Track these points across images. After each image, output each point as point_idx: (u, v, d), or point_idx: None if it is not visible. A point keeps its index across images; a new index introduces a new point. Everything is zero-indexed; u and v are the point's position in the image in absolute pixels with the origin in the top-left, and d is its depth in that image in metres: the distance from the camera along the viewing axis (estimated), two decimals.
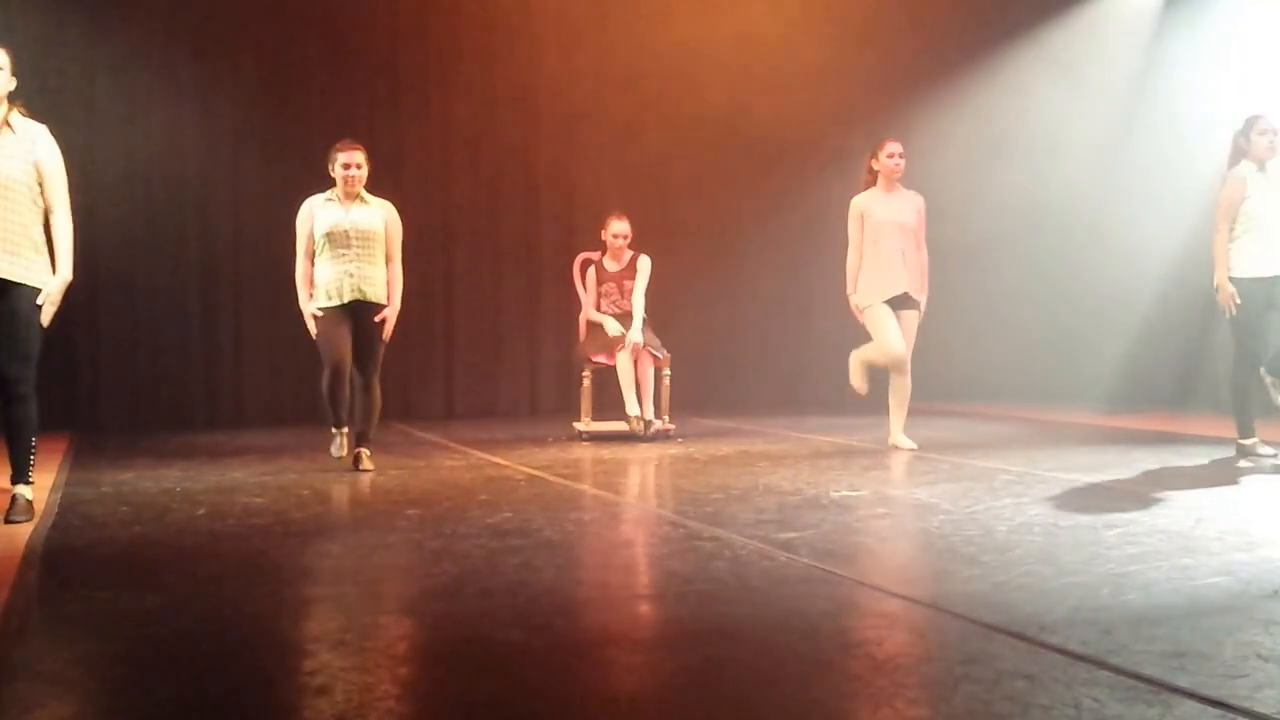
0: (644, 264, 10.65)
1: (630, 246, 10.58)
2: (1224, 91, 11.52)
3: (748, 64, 13.21)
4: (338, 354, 8.30)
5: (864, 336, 9.47)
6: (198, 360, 12.12)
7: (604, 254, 10.73)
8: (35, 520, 6.53)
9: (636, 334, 10.35)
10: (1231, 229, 8.39)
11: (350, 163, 8.33)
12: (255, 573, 5.36)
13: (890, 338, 9.20)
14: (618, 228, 10.60)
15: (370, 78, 12.61)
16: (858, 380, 9.42)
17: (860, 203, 9.35)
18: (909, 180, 9.47)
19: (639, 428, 10.17)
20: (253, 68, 12.22)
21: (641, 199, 12.99)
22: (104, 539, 6.16)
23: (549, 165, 13.26)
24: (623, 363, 10.28)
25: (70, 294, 6.68)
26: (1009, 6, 13.71)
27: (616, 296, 10.65)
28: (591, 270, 10.76)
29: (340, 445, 8.46)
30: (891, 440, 9.33)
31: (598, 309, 10.71)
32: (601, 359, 10.55)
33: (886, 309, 9.23)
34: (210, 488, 7.77)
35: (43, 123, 6.60)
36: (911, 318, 9.30)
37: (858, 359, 9.43)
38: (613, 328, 10.49)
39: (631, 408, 10.27)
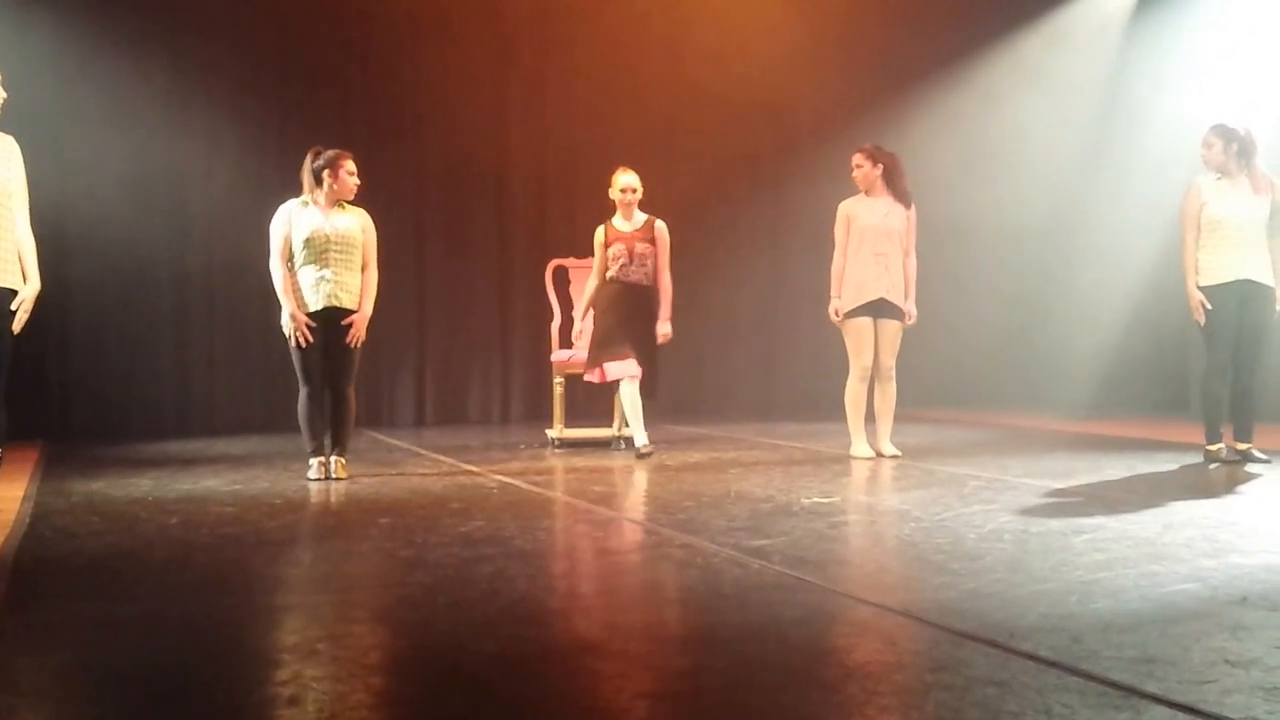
0: (663, 232, 9.70)
1: (641, 208, 9.70)
2: (1193, 98, 11.58)
3: (720, 75, 13.21)
4: (314, 376, 8.30)
5: (838, 343, 9.48)
6: (169, 369, 12.07)
7: (612, 209, 9.77)
8: (6, 531, 6.50)
9: (667, 325, 9.57)
10: (1198, 237, 8.48)
11: (354, 170, 8.33)
12: (227, 582, 5.35)
13: (862, 354, 9.21)
14: (626, 181, 9.67)
15: (342, 83, 12.58)
16: (863, 448, 9.36)
17: (847, 207, 9.34)
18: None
19: (648, 453, 9.34)
20: (225, 74, 12.15)
21: (612, 202, 12.98)
22: (75, 549, 6.13)
23: (521, 171, 13.23)
24: (629, 393, 9.43)
25: (40, 302, 6.66)
26: (980, 15, 13.75)
27: (626, 261, 9.59)
28: (600, 233, 9.71)
29: (318, 471, 8.40)
30: (877, 447, 9.32)
31: (603, 276, 9.69)
32: (613, 367, 9.47)
33: (867, 323, 9.22)
34: (182, 497, 7.74)
35: (9, 133, 6.57)
36: (893, 327, 9.28)
37: (850, 426, 9.38)
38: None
39: (641, 437, 9.40)
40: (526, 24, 13.26)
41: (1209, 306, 8.42)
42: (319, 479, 8.34)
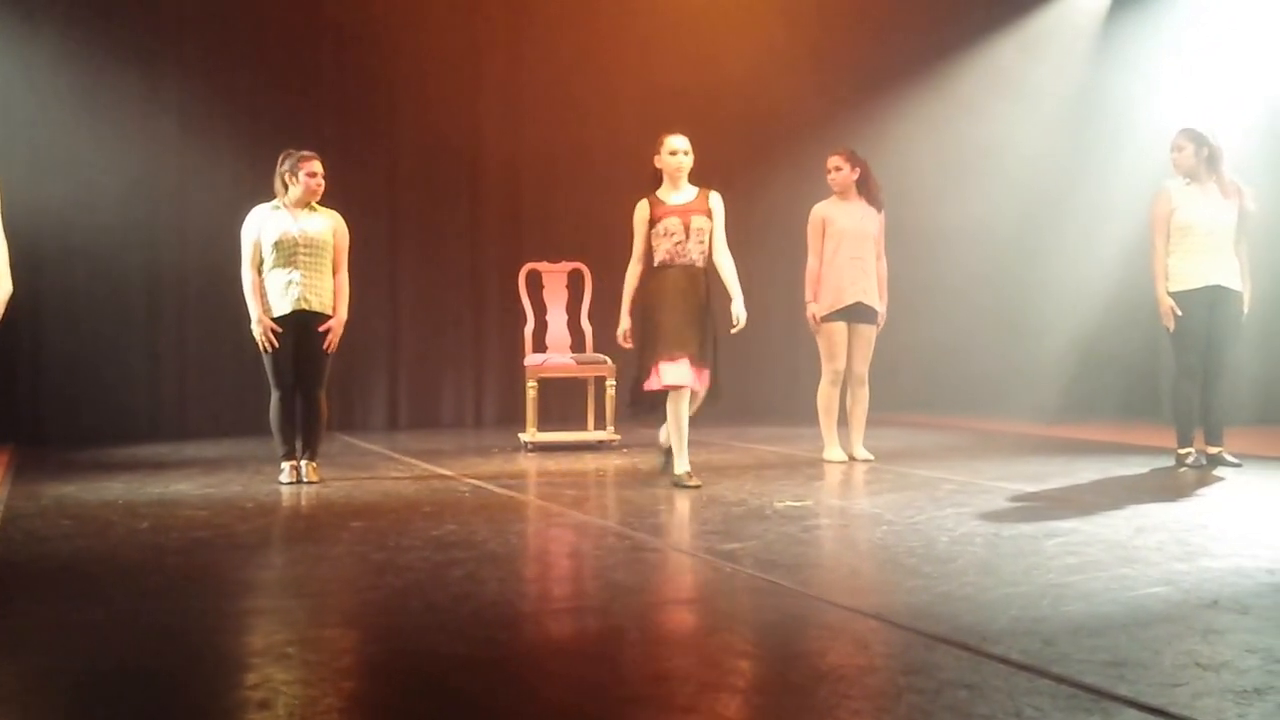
0: (720, 204, 8.28)
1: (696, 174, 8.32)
2: (1163, 104, 11.62)
3: (695, 80, 13.19)
4: (285, 379, 8.29)
5: (811, 347, 9.49)
6: (140, 372, 12.01)
7: (655, 182, 8.29)
8: None
9: (741, 308, 8.27)
10: (1167, 242, 8.51)
11: (316, 171, 8.31)
12: (198, 586, 5.33)
13: (835, 358, 9.22)
14: (677, 142, 8.21)
15: (315, 86, 12.55)
16: (835, 451, 9.36)
17: (821, 210, 9.33)
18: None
19: (693, 485, 7.91)
20: (196, 76, 12.10)
21: (588, 207, 13.02)
22: (46, 553, 6.11)
23: (495, 175, 13.23)
24: (679, 409, 8.01)
25: (12, 305, 6.63)
26: (953, 20, 13.78)
27: (681, 238, 8.10)
28: (643, 209, 8.21)
29: (289, 474, 8.38)
30: (850, 451, 9.33)
31: (650, 258, 8.24)
32: (670, 371, 7.93)
33: (841, 328, 9.22)
34: (153, 500, 7.71)
35: None
36: (868, 331, 9.30)
37: (823, 430, 9.39)
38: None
39: (684, 462, 8.08)
40: (501, 30, 13.25)
41: (1179, 312, 8.45)
42: (291, 482, 8.31)
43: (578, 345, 11.04)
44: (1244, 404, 10.53)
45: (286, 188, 8.32)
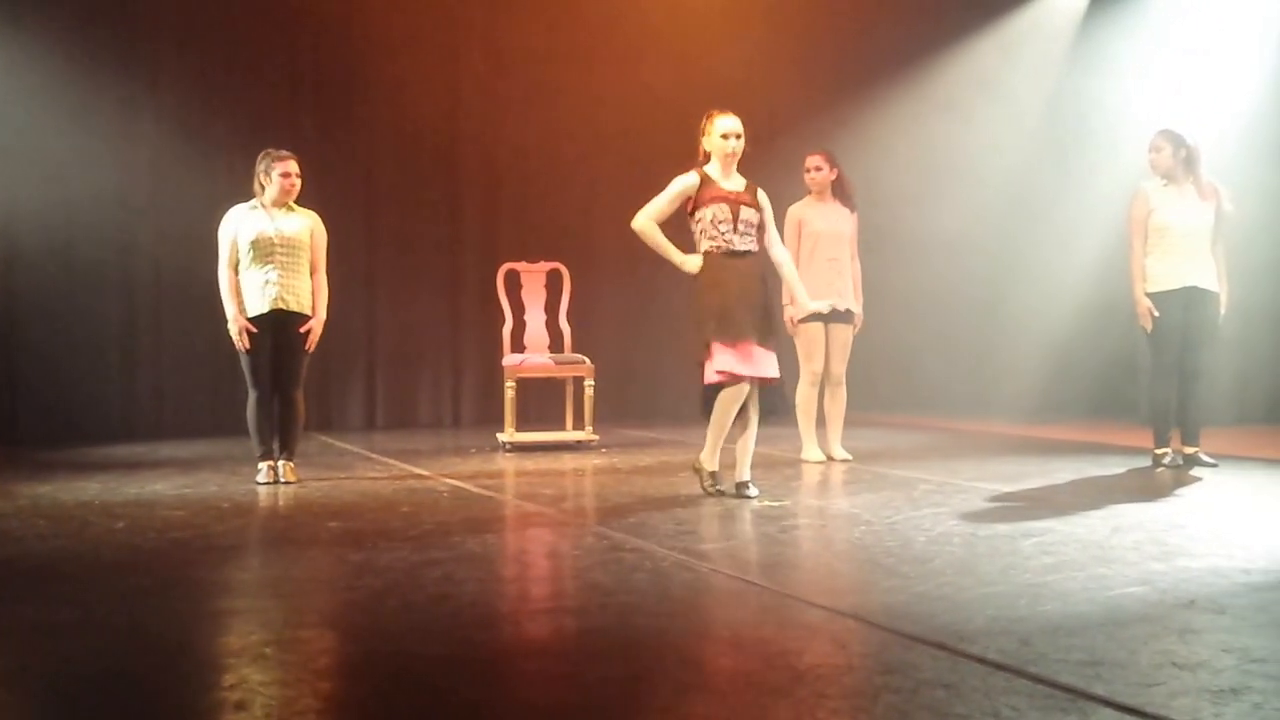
0: (767, 201, 7.61)
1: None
2: (1141, 104, 11.66)
3: (675, 79, 13.18)
4: (263, 379, 8.28)
5: (789, 348, 9.49)
6: (117, 372, 11.97)
7: (704, 161, 7.57)
8: None
9: (807, 300, 8.01)
10: (1145, 243, 8.53)
11: (290, 171, 8.29)
12: (175, 586, 5.32)
13: (813, 358, 9.23)
14: (729, 124, 7.44)
15: (292, 86, 12.52)
16: (813, 452, 9.36)
17: (796, 212, 9.33)
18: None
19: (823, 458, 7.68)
20: (172, 75, 12.09)
21: (563, 206, 13.05)
22: (21, 553, 6.09)
23: (473, 174, 13.22)
24: (748, 416, 7.44)
25: None
26: (932, 21, 13.79)
27: (728, 228, 7.37)
28: (689, 182, 7.49)
29: (266, 474, 8.37)
30: (828, 451, 9.33)
31: (698, 246, 7.48)
32: (734, 361, 7.21)
33: (819, 329, 9.23)
34: (129, 501, 7.69)
35: None
36: (845, 331, 9.31)
37: (801, 430, 9.38)
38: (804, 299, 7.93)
39: (714, 461, 7.52)
40: (479, 29, 13.25)
41: (1157, 313, 8.47)
42: (268, 483, 8.30)
43: (556, 345, 11.02)
44: (1220, 405, 10.56)
45: (264, 188, 8.31)
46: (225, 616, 4.85)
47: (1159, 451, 8.65)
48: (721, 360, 7.19)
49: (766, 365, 7.31)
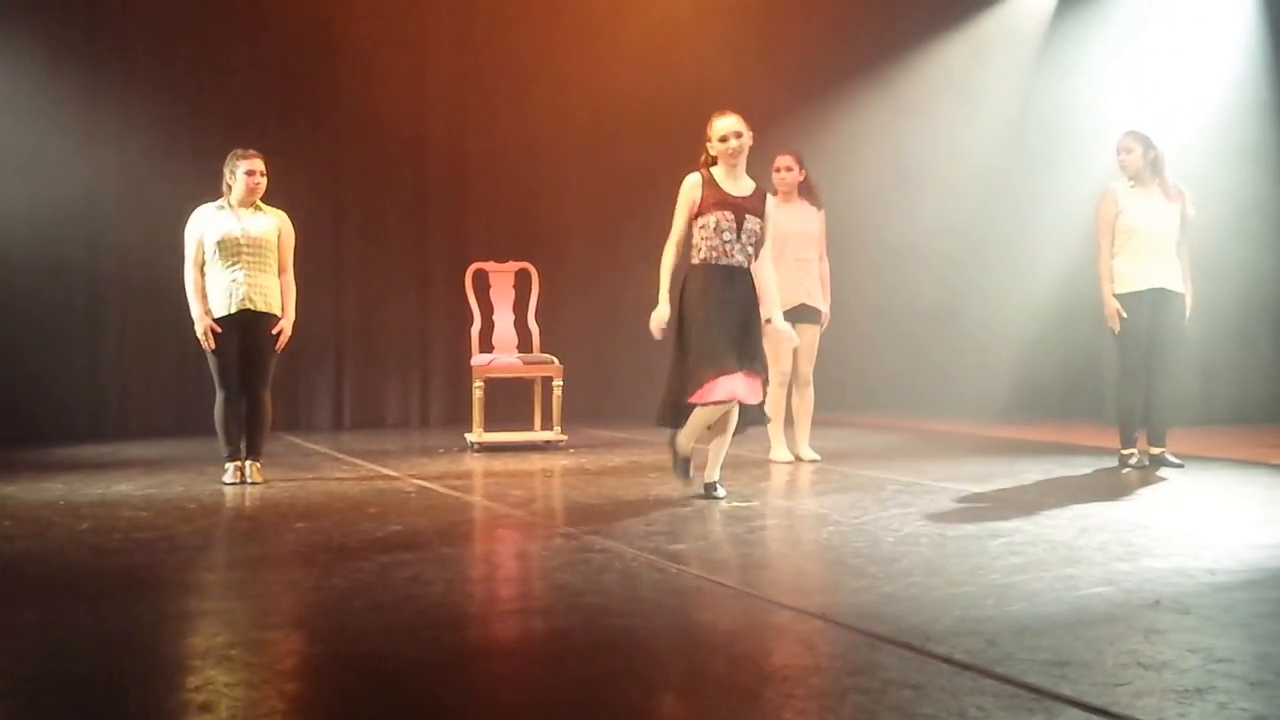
0: (774, 209, 7.60)
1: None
2: (1108, 106, 11.70)
3: (642, 79, 13.19)
4: (231, 380, 8.25)
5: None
6: (82, 371, 11.91)
7: (709, 164, 7.36)
8: None
9: (782, 322, 7.71)
10: (1113, 244, 8.56)
11: (255, 170, 8.26)
12: (139, 587, 5.29)
13: (781, 359, 9.22)
14: (725, 125, 7.25)
15: (259, 84, 12.46)
16: (781, 452, 9.36)
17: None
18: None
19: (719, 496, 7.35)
20: (138, 77, 12.03)
21: (532, 206, 13.06)
22: None
23: (441, 174, 13.19)
24: (730, 418, 7.33)
25: None
26: (901, 22, 13.82)
27: (731, 236, 7.16)
28: (694, 187, 7.28)
29: (233, 475, 8.34)
30: (796, 451, 9.34)
31: (694, 251, 7.25)
32: (725, 386, 7.07)
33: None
34: (94, 501, 7.65)
35: None
36: (811, 331, 9.31)
37: (769, 431, 9.36)
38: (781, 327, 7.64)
39: (717, 471, 7.51)
40: (447, 28, 13.22)
41: (1124, 315, 8.50)
42: (234, 483, 8.27)
43: (524, 345, 11.01)
44: (1186, 405, 10.58)
45: (231, 187, 8.28)
46: (191, 617, 4.83)
47: (1125, 452, 8.68)
48: (706, 391, 7.05)
49: (749, 393, 7.20)
